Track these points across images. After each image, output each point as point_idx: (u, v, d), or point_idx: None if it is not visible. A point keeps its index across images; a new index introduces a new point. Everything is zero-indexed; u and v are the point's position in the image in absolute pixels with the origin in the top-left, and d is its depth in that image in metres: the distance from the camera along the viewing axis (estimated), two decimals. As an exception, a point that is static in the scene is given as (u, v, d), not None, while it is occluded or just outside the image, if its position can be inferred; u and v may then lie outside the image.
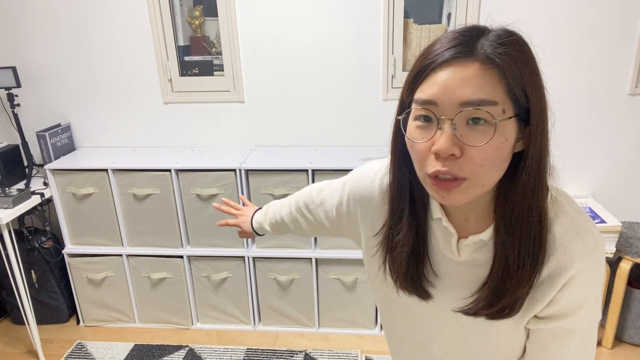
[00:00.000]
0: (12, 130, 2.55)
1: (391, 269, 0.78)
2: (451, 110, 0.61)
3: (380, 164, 0.85)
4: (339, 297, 2.38)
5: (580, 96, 2.24)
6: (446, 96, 0.61)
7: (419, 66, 0.65)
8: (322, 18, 2.25)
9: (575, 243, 0.68)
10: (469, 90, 0.60)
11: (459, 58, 0.61)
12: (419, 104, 0.64)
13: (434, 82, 0.62)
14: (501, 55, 0.61)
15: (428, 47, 0.66)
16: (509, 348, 0.78)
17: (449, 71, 0.61)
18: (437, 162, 0.63)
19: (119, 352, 2.35)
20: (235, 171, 2.20)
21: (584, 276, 0.68)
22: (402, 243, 0.75)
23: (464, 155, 0.61)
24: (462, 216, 0.73)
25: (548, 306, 0.71)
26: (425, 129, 0.64)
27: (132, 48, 2.38)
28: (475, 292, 0.73)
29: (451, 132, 0.61)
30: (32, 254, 2.43)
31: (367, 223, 0.85)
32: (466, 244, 0.73)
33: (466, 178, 0.63)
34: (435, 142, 0.62)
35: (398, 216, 0.76)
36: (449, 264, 0.76)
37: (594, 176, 2.35)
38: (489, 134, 0.61)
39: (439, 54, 0.63)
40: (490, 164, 0.62)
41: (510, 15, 2.14)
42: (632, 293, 2.20)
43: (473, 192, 0.64)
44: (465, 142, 0.61)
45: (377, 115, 2.37)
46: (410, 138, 0.66)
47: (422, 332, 0.84)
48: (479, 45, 0.62)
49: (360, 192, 0.85)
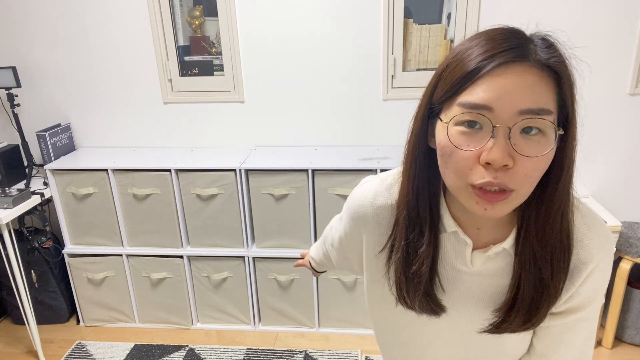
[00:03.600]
0: (12, 130, 2.55)
1: (407, 286, 0.74)
2: (508, 117, 0.57)
3: (377, 179, 0.80)
4: (339, 297, 2.38)
5: (580, 96, 2.23)
6: (504, 102, 0.56)
7: (466, 68, 0.59)
8: (322, 18, 2.25)
9: (591, 237, 0.68)
10: (529, 98, 0.56)
11: (517, 62, 0.57)
12: (469, 107, 0.58)
13: (489, 86, 0.57)
14: (557, 64, 0.58)
15: (467, 49, 0.61)
16: (516, 348, 0.78)
17: (506, 76, 0.57)
18: (487, 172, 0.58)
19: (119, 352, 2.35)
20: (235, 171, 2.20)
21: (601, 268, 0.69)
22: (423, 257, 0.71)
23: (516, 165, 0.58)
24: (475, 226, 0.71)
25: (566, 302, 0.71)
26: (472, 136, 0.59)
27: (132, 48, 2.38)
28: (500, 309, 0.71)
29: (506, 141, 0.57)
30: (32, 254, 2.43)
31: (370, 242, 0.80)
32: (488, 254, 0.70)
33: (514, 190, 0.59)
34: (485, 150, 0.58)
35: (419, 229, 0.71)
36: (460, 276, 0.73)
37: (594, 176, 2.35)
38: (544, 144, 0.58)
39: (493, 56, 0.58)
40: (537, 175, 0.60)
41: (510, 16, 2.14)
42: (632, 293, 2.20)
43: (517, 203, 0.61)
44: (520, 152, 0.57)
45: (377, 115, 2.37)
46: (455, 144, 0.60)
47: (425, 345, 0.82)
48: (532, 51, 0.58)
49: (360, 214, 0.80)
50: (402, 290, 0.75)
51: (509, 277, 0.71)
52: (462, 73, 0.59)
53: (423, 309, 0.75)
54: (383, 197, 0.77)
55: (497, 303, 0.73)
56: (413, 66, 2.31)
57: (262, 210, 2.27)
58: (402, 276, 0.74)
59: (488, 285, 0.73)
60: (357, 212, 0.80)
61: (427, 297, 0.73)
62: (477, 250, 0.71)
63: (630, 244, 2.15)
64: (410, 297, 0.74)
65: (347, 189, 2.16)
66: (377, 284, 0.82)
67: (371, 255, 0.80)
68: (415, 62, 2.30)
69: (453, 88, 0.60)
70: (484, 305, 0.74)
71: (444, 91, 0.62)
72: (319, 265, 1.13)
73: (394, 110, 2.35)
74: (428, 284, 0.72)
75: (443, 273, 0.74)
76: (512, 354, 0.78)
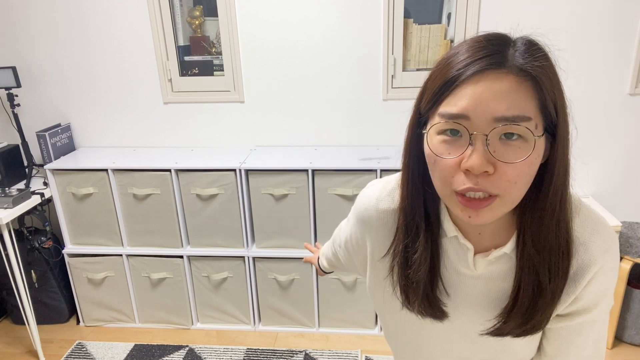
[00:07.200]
0: (12, 130, 2.55)
1: (407, 289, 0.75)
2: (484, 125, 0.58)
3: (382, 183, 0.81)
4: (339, 297, 2.38)
5: (580, 96, 2.23)
6: (479, 110, 0.57)
7: (445, 77, 0.60)
8: (322, 18, 2.25)
9: (594, 240, 0.68)
10: (504, 105, 0.57)
11: (491, 69, 0.58)
12: (447, 117, 0.60)
13: (465, 95, 0.58)
14: (537, 68, 0.58)
15: (450, 56, 0.62)
16: (523, 351, 0.77)
17: (482, 84, 0.58)
18: (467, 179, 0.59)
19: (119, 352, 2.35)
20: (235, 171, 2.20)
21: (605, 270, 0.69)
22: (419, 262, 0.72)
23: (497, 172, 0.58)
24: (476, 230, 0.71)
25: (570, 304, 0.71)
26: (453, 144, 0.60)
27: (132, 48, 2.38)
28: (502, 312, 0.71)
29: (484, 148, 0.58)
30: (32, 254, 2.43)
31: (374, 245, 0.81)
32: (489, 259, 0.71)
33: (498, 195, 0.60)
34: (465, 158, 0.59)
35: (414, 234, 0.72)
36: (463, 279, 0.74)
37: (594, 176, 2.35)
38: (524, 149, 0.58)
39: (468, 65, 0.59)
40: (522, 181, 0.60)
41: (510, 16, 2.14)
42: (632, 293, 2.20)
43: (504, 209, 0.62)
44: (499, 158, 0.58)
45: (377, 115, 2.37)
46: (436, 153, 0.61)
47: (432, 347, 0.83)
48: (510, 56, 0.59)
49: (365, 218, 0.81)
50: (402, 294, 0.76)
51: (512, 280, 0.71)
52: (441, 82, 0.61)
53: (425, 312, 0.75)
54: (386, 201, 0.78)
55: (500, 306, 0.73)
56: (413, 66, 2.31)
57: (262, 210, 2.27)
58: (401, 280, 0.75)
59: (491, 289, 0.73)
60: (363, 216, 0.82)
61: (427, 301, 0.74)
62: (479, 255, 0.72)
63: (630, 244, 2.15)
64: (411, 301, 0.75)
65: (347, 189, 2.16)
66: (380, 288, 0.82)
67: (376, 259, 0.81)
68: (415, 62, 2.30)
69: (434, 98, 0.62)
70: (487, 309, 0.74)
71: (427, 101, 0.64)
72: (329, 265, 1.13)
73: (394, 110, 2.35)
74: (428, 288, 0.73)
75: (447, 277, 0.75)
76: (521, 357, 0.78)
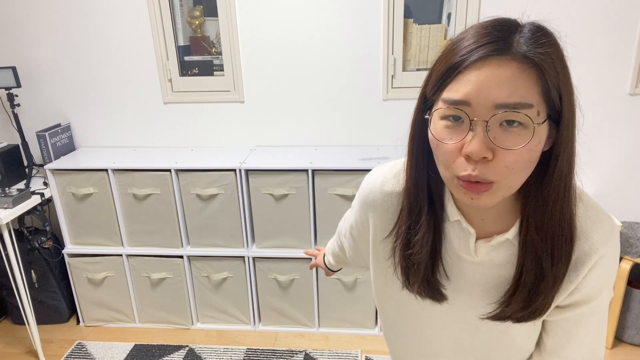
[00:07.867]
0: (12, 130, 2.55)
1: (407, 271, 0.76)
2: (485, 111, 0.58)
3: (386, 167, 0.82)
4: (339, 297, 2.38)
5: (580, 96, 2.23)
6: (481, 97, 0.58)
7: (449, 62, 0.61)
8: (322, 18, 2.25)
9: (595, 230, 0.68)
10: (505, 92, 0.57)
11: (495, 56, 0.58)
12: (450, 103, 0.60)
13: (467, 81, 0.58)
14: (540, 55, 0.58)
15: (456, 42, 0.62)
16: (523, 342, 0.78)
17: (485, 70, 0.58)
18: (467, 164, 0.60)
19: (119, 352, 2.35)
20: (235, 171, 2.20)
21: (606, 260, 0.69)
22: (421, 243, 0.73)
23: (496, 158, 0.59)
24: (479, 216, 0.71)
25: (571, 294, 0.71)
26: (455, 129, 0.61)
27: (132, 48, 2.38)
28: (503, 295, 0.71)
29: (484, 134, 0.58)
30: (32, 254, 2.43)
31: (377, 226, 0.82)
32: (491, 244, 0.71)
33: (494, 181, 0.60)
34: (465, 143, 0.60)
35: (416, 215, 0.73)
36: (464, 265, 0.74)
37: (594, 176, 2.35)
38: (524, 136, 0.58)
39: (472, 51, 0.59)
40: (521, 167, 0.60)
41: (510, 16, 2.14)
42: (632, 293, 2.20)
43: (502, 194, 0.62)
44: (499, 144, 0.59)
45: (377, 115, 2.37)
46: (438, 138, 0.62)
47: (431, 334, 0.83)
48: (515, 42, 0.59)
49: (369, 200, 0.82)
50: (403, 274, 0.77)
51: (513, 268, 0.71)
52: (445, 68, 0.61)
53: (424, 293, 0.76)
54: (390, 183, 0.79)
55: (500, 293, 0.73)
56: (413, 66, 2.31)
57: (262, 210, 2.27)
58: (403, 261, 0.76)
59: (492, 276, 0.73)
60: (367, 198, 0.83)
61: (427, 283, 0.75)
62: (481, 240, 0.72)
63: (630, 244, 2.15)
64: (411, 282, 0.76)
65: (347, 189, 2.16)
66: (382, 269, 0.83)
67: (378, 241, 0.82)
68: (415, 62, 2.30)
69: (438, 83, 0.62)
70: (487, 295, 0.74)
71: (432, 86, 0.64)
72: (335, 260, 1.13)
73: (394, 110, 2.35)
74: (429, 270, 0.74)
75: (447, 261, 0.75)
76: (520, 346, 0.78)
